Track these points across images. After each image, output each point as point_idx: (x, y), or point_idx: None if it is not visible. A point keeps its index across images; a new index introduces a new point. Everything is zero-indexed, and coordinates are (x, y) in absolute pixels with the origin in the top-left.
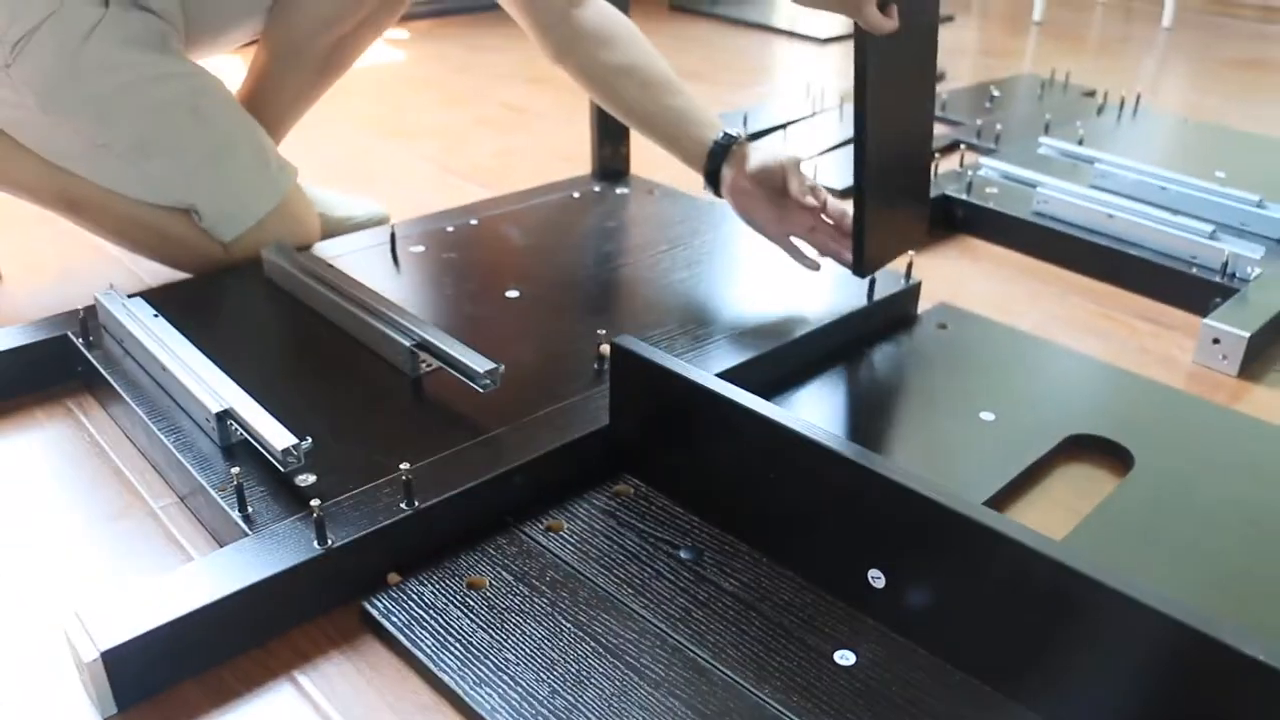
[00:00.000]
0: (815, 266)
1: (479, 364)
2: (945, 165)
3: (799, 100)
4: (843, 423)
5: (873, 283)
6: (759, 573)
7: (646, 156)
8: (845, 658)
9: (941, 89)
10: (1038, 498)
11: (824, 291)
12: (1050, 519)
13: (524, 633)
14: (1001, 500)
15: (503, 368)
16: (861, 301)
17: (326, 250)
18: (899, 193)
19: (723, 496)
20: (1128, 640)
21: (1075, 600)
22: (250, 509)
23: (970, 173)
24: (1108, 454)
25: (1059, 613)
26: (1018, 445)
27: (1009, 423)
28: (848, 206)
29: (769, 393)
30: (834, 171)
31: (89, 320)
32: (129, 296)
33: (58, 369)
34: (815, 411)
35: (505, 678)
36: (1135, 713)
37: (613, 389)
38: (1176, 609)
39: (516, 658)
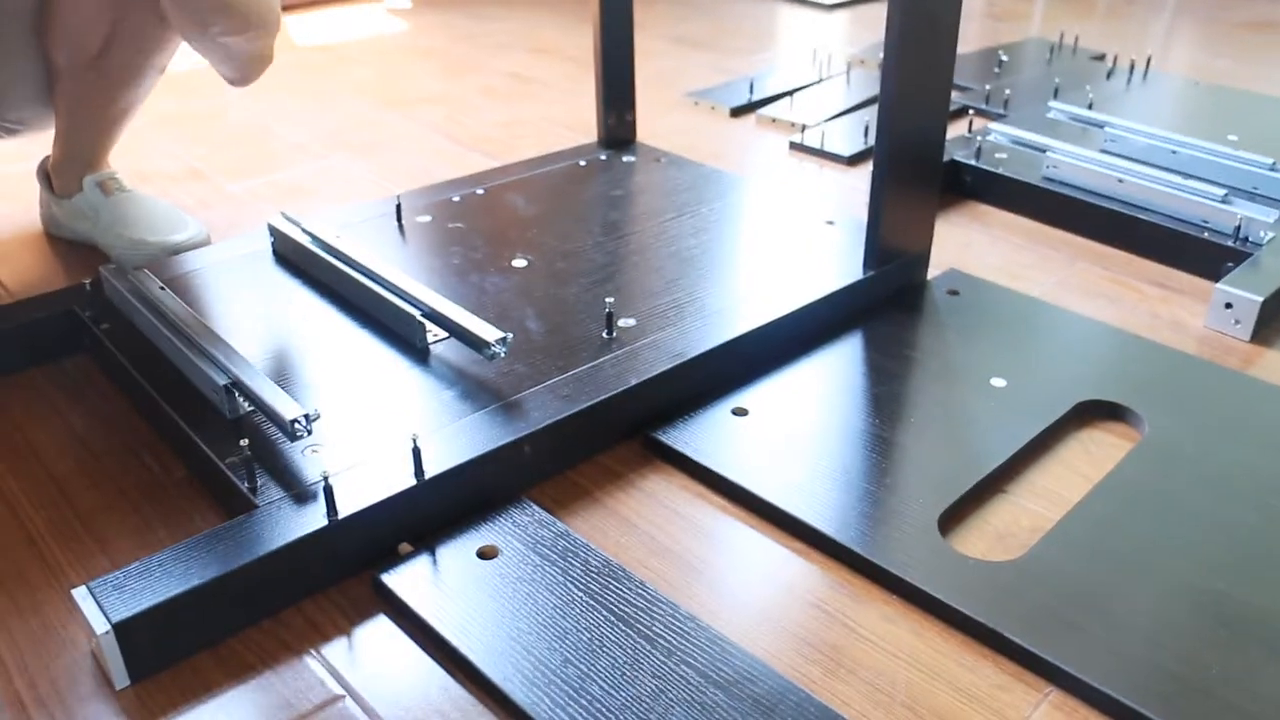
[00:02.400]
0: None
1: (487, 333)
2: (954, 131)
3: (805, 66)
4: (855, 390)
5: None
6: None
7: (653, 125)
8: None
9: None
10: (1050, 464)
11: (833, 258)
12: (1062, 485)
13: (536, 602)
14: (1013, 467)
15: (511, 336)
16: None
17: (333, 221)
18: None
19: None
20: None
21: None
22: (259, 481)
23: (979, 138)
24: (1120, 419)
25: None
26: (1029, 411)
27: (1020, 389)
28: None
29: (780, 361)
30: (841, 138)
31: (95, 294)
32: (134, 269)
33: (65, 342)
34: (828, 379)
35: (518, 647)
36: None
37: None
38: None
39: (529, 627)
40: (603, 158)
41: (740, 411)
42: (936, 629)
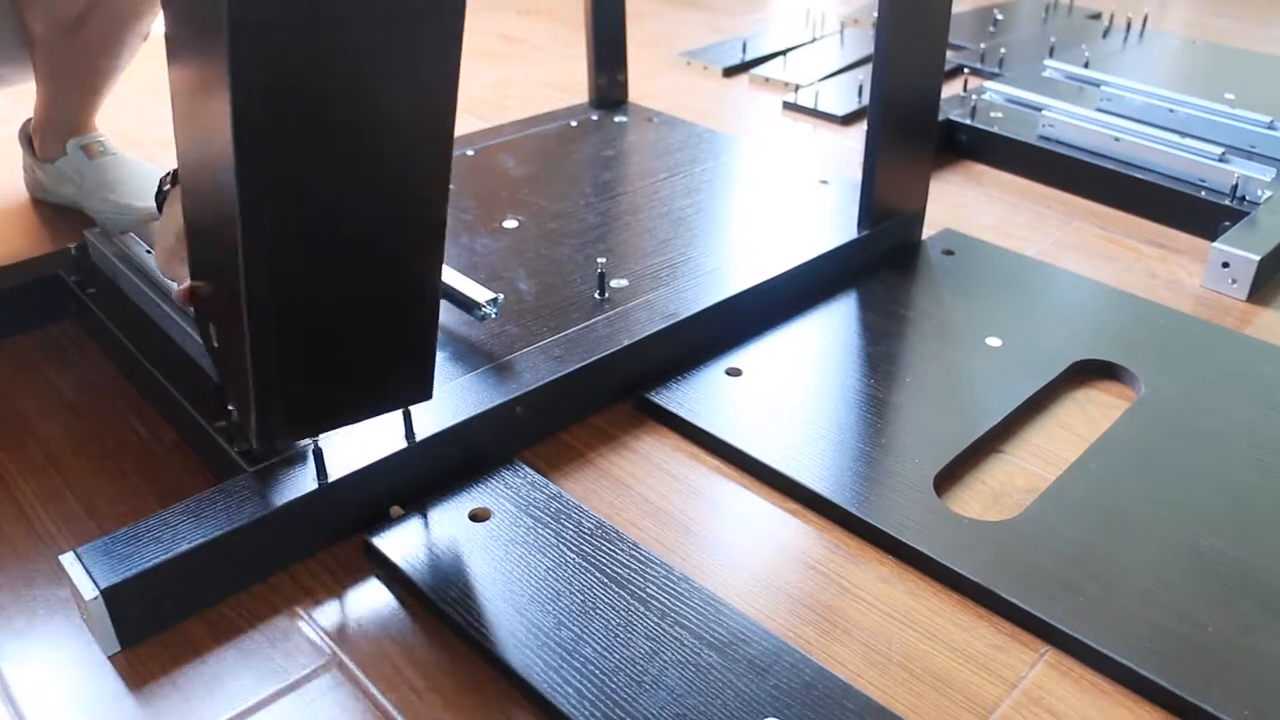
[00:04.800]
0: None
1: (478, 294)
2: (948, 90)
3: (798, 26)
4: (850, 350)
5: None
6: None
7: (645, 85)
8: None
9: None
10: (1045, 423)
11: (827, 218)
12: (1058, 445)
13: (529, 564)
14: (1008, 427)
15: (502, 297)
16: (865, 227)
17: None
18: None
19: None
20: None
21: None
22: (248, 444)
23: (974, 97)
24: (1116, 379)
25: None
26: (1025, 371)
27: (1016, 349)
28: None
29: (774, 321)
30: (835, 98)
31: (81, 258)
32: (120, 233)
33: (51, 308)
34: (822, 339)
35: (510, 609)
36: None
37: None
38: None
39: (522, 589)
40: (594, 118)
41: (734, 371)
42: (932, 589)
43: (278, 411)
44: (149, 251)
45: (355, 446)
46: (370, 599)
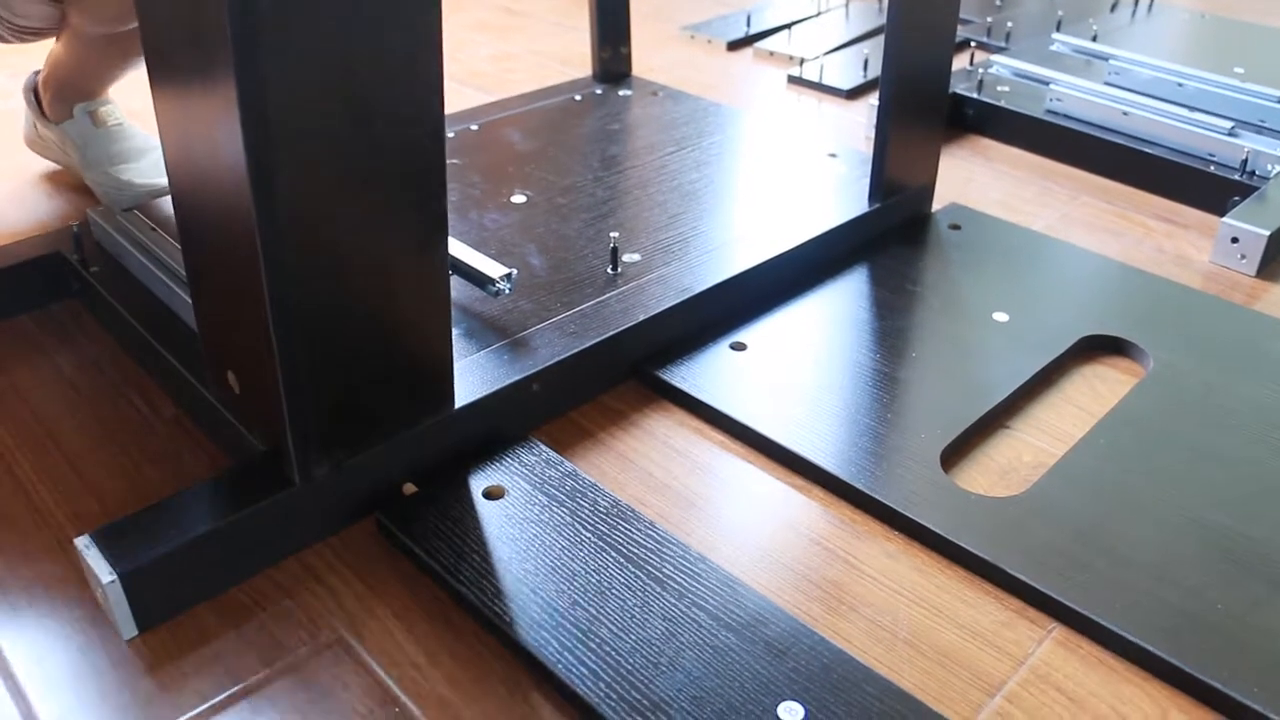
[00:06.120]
0: None
1: (492, 269)
2: (955, 64)
3: (803, 0)
4: (856, 325)
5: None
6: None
7: (648, 59)
8: None
9: None
10: (1053, 399)
11: (836, 192)
12: (1065, 420)
13: (544, 543)
14: (1015, 402)
15: (515, 273)
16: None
17: None
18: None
19: None
20: None
21: None
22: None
23: (981, 71)
24: (1124, 355)
25: None
26: (1032, 346)
27: (1023, 323)
28: None
29: (783, 296)
30: (840, 72)
31: (83, 237)
32: (123, 211)
33: (53, 287)
34: (828, 313)
35: (525, 589)
36: None
37: None
38: None
39: (536, 568)
40: (598, 92)
41: (739, 346)
42: (939, 565)
43: (314, 437)
44: (154, 229)
45: None
46: (383, 579)
